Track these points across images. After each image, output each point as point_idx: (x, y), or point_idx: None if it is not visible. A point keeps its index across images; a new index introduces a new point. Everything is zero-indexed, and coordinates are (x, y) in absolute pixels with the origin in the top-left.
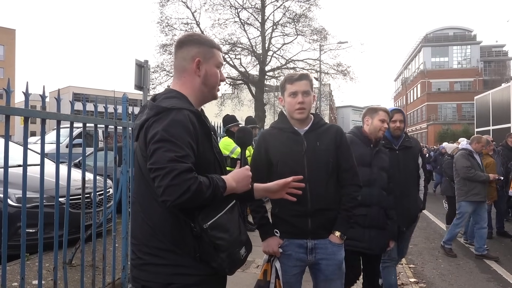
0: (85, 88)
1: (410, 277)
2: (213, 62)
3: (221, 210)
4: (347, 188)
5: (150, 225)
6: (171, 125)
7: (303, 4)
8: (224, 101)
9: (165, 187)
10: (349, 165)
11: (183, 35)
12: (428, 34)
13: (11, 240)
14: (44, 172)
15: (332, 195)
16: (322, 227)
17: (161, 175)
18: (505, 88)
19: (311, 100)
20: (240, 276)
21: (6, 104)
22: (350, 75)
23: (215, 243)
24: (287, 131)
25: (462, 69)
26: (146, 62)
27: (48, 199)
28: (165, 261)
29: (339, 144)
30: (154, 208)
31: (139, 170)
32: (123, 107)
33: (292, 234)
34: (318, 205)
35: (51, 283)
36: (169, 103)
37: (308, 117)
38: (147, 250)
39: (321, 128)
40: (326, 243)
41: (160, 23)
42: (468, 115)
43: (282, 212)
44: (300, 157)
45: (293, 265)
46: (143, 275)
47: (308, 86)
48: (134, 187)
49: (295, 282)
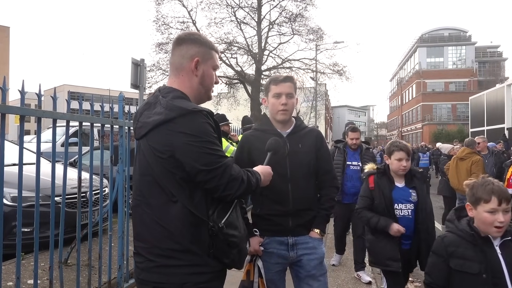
0: (81, 86)
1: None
2: (211, 64)
3: (229, 208)
4: (327, 190)
5: (164, 226)
6: (203, 126)
7: (299, 4)
8: (220, 100)
9: (226, 183)
10: (329, 168)
11: (183, 32)
12: (423, 34)
13: (6, 239)
14: (40, 171)
15: (312, 196)
16: (302, 226)
17: (219, 174)
18: (499, 89)
19: (294, 102)
20: (236, 276)
21: (2, 102)
22: (346, 75)
23: (229, 241)
24: (270, 133)
25: (457, 70)
26: (143, 60)
27: (44, 198)
28: (180, 262)
29: (319, 147)
30: (171, 209)
31: (149, 171)
32: (120, 106)
33: (272, 232)
34: (299, 205)
35: (46, 282)
36: (186, 104)
37: (290, 119)
38: (159, 252)
39: (302, 131)
40: (307, 239)
41: (156, 22)
42: (463, 116)
43: (263, 211)
44: (283, 159)
45: (275, 262)
46: (156, 277)
47: (292, 88)
48: (139, 189)
49: (279, 279)
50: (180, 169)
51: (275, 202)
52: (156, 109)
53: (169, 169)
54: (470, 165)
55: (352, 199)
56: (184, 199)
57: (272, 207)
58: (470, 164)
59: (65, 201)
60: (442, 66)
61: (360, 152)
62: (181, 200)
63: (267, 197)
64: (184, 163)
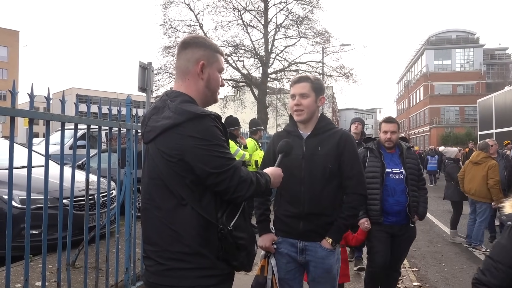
0: (88, 89)
1: (413, 280)
2: (216, 67)
3: (237, 211)
4: (349, 197)
5: (174, 229)
6: (211, 129)
7: (306, 7)
8: (227, 103)
9: (236, 185)
10: (352, 173)
11: (188, 36)
12: (431, 36)
13: (15, 242)
14: (48, 173)
15: (328, 201)
16: (313, 231)
17: (229, 176)
18: (508, 91)
19: (311, 102)
20: (243, 279)
21: (11, 105)
22: (353, 77)
23: (237, 243)
24: (293, 134)
25: (465, 72)
26: (150, 64)
27: (52, 201)
28: (191, 265)
29: (342, 150)
30: (180, 212)
31: (158, 175)
32: (127, 109)
33: (285, 233)
34: (312, 209)
35: (54, 284)
36: (195, 108)
37: (311, 120)
38: (169, 256)
39: (326, 133)
40: (317, 247)
41: (163, 25)
42: (471, 118)
43: (279, 212)
44: (298, 161)
45: (286, 262)
46: (167, 280)
47: (307, 88)
48: (148, 192)
49: (293, 279)
50: (189, 172)
51: (288, 203)
52: (165, 113)
53: (179, 172)
54: (486, 170)
55: (395, 219)
56: (194, 202)
57: (286, 208)
58: (486, 169)
59: (73, 203)
60: (450, 68)
61: (401, 153)
62: (191, 203)
63: (283, 198)
64: (194, 167)
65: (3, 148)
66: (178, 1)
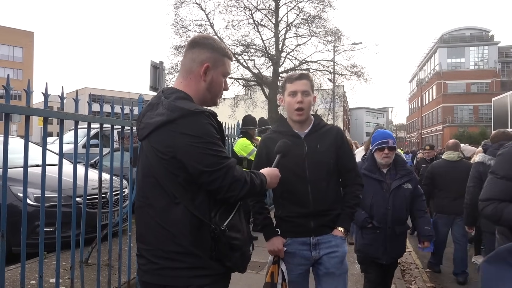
0: (101, 89)
1: (426, 281)
2: (221, 71)
3: (232, 211)
4: (351, 187)
5: (167, 229)
6: (205, 127)
7: (317, 5)
8: (238, 102)
9: (229, 184)
10: (351, 166)
11: (198, 35)
12: (444, 34)
13: (29, 239)
14: (62, 172)
15: (333, 196)
16: (325, 225)
17: (222, 175)
18: None
19: (311, 101)
20: (253, 278)
21: (26, 105)
22: (365, 76)
23: (231, 243)
24: (287, 134)
25: (479, 70)
26: (161, 63)
27: (66, 199)
28: (183, 265)
29: (340, 145)
30: (173, 211)
31: (151, 173)
32: (139, 108)
33: (295, 233)
34: (320, 206)
35: (68, 281)
36: (188, 105)
37: (307, 118)
38: (162, 255)
39: (321, 130)
40: (330, 237)
41: (175, 25)
42: (485, 117)
43: (284, 213)
44: (301, 160)
45: (297, 263)
46: (159, 279)
47: (308, 86)
48: (142, 190)
49: (302, 281)
50: (182, 170)
51: (295, 204)
52: (158, 110)
53: (171, 170)
54: None
55: None
56: (186, 201)
57: (293, 209)
58: None
59: (86, 201)
60: (464, 66)
61: None
62: (183, 202)
63: (287, 199)
64: (187, 165)
65: (19, 146)
66: (189, 1)
